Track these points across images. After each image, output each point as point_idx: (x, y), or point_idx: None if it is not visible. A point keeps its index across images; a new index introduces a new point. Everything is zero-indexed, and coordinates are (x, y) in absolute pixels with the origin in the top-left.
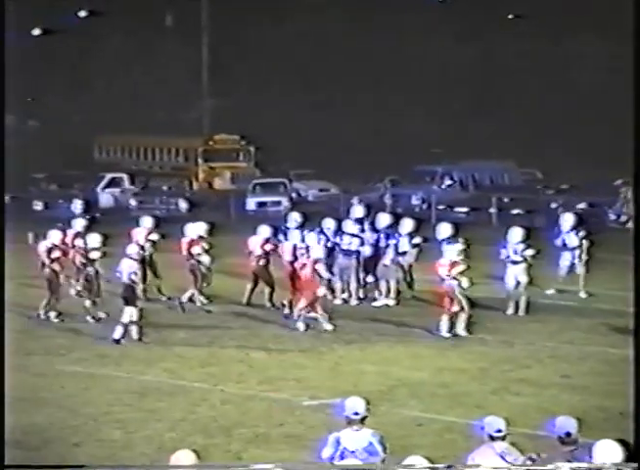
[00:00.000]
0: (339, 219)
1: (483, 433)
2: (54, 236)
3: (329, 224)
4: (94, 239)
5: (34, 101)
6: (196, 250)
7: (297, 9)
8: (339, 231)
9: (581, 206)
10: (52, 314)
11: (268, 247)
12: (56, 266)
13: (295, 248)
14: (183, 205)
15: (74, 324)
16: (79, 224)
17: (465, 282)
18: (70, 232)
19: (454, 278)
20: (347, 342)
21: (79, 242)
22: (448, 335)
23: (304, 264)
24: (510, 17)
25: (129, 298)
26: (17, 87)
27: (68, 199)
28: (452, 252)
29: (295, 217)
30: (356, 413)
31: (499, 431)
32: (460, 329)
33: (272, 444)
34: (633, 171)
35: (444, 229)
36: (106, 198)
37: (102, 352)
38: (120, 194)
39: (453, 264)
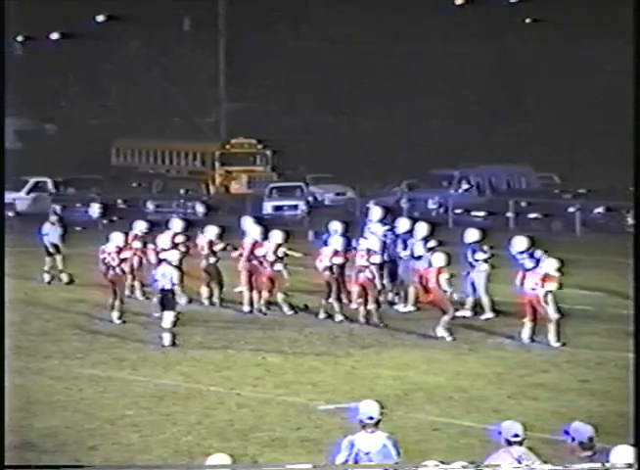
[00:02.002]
0: (350, 223)
1: (501, 437)
2: (117, 238)
3: (336, 227)
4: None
5: (52, 104)
6: (280, 252)
7: (315, 13)
8: (346, 234)
9: (599, 210)
10: (114, 315)
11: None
12: (125, 267)
13: (335, 253)
14: (200, 208)
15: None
16: (177, 225)
17: (550, 297)
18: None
19: (545, 291)
20: (363, 346)
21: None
22: (527, 341)
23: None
24: (528, 21)
25: (168, 303)
26: (34, 90)
27: (86, 203)
28: (547, 266)
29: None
30: (370, 418)
31: (516, 435)
32: (552, 341)
33: (288, 448)
34: (633, 171)
35: (520, 242)
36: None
37: (119, 355)
38: (46, 198)
39: (545, 278)
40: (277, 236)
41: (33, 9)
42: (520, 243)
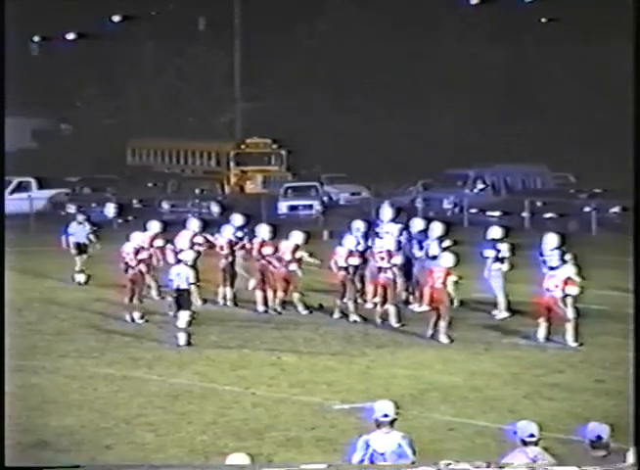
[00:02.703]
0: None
1: (516, 437)
2: (137, 237)
3: (359, 225)
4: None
5: (67, 104)
6: (298, 254)
7: (329, 13)
8: (368, 233)
9: (615, 209)
10: (136, 315)
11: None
12: (142, 267)
13: (350, 253)
14: (215, 208)
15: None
16: (195, 225)
17: (570, 300)
18: (188, 233)
19: (565, 294)
20: (378, 346)
21: (199, 239)
22: (543, 341)
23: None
24: (543, 20)
25: (184, 303)
26: (50, 90)
27: (102, 202)
28: (569, 270)
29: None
30: (385, 415)
31: (532, 435)
32: (570, 341)
33: (303, 447)
34: (633, 171)
35: (551, 239)
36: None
37: (134, 354)
38: (29, 199)
39: (567, 281)
40: (297, 237)
41: (49, 9)
42: (551, 240)
